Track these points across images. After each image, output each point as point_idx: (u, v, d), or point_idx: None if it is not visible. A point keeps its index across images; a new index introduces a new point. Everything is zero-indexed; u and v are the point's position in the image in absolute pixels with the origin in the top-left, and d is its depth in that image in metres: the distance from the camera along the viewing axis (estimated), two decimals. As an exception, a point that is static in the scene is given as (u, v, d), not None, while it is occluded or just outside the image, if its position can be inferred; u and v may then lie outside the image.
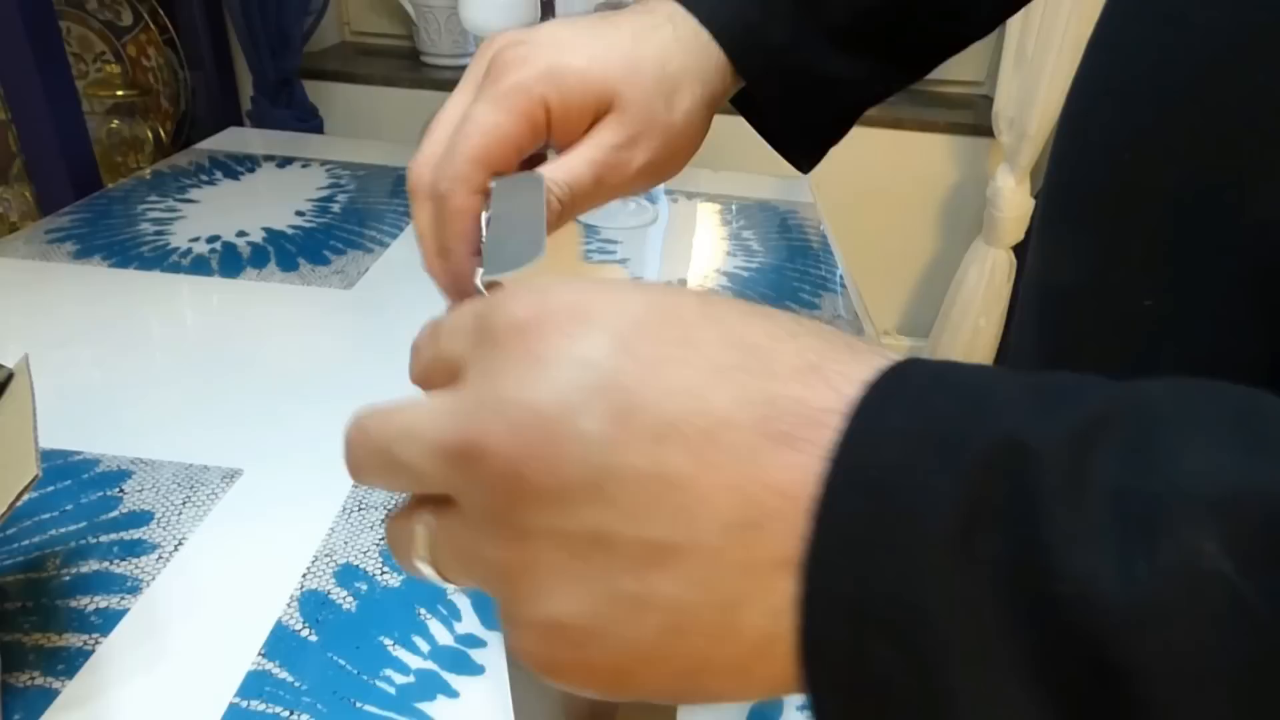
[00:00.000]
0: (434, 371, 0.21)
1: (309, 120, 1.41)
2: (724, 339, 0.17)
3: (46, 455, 0.51)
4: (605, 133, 0.32)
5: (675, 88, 0.33)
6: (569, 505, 0.17)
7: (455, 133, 0.30)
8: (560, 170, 0.32)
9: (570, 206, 0.32)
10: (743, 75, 0.36)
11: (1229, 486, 0.14)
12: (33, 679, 0.38)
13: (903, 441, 0.16)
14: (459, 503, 0.19)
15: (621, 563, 0.17)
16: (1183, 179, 0.27)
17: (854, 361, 0.17)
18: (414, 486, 0.21)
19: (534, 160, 0.33)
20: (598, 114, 0.32)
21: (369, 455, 0.21)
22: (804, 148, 0.41)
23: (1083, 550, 0.14)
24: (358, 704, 0.38)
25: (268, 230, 0.84)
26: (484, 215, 0.29)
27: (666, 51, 0.34)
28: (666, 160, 0.34)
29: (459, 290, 0.31)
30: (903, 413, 0.16)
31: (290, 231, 0.85)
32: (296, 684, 0.39)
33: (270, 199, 0.93)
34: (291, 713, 0.37)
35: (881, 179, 1.54)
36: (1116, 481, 0.14)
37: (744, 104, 0.39)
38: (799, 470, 0.16)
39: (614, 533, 0.17)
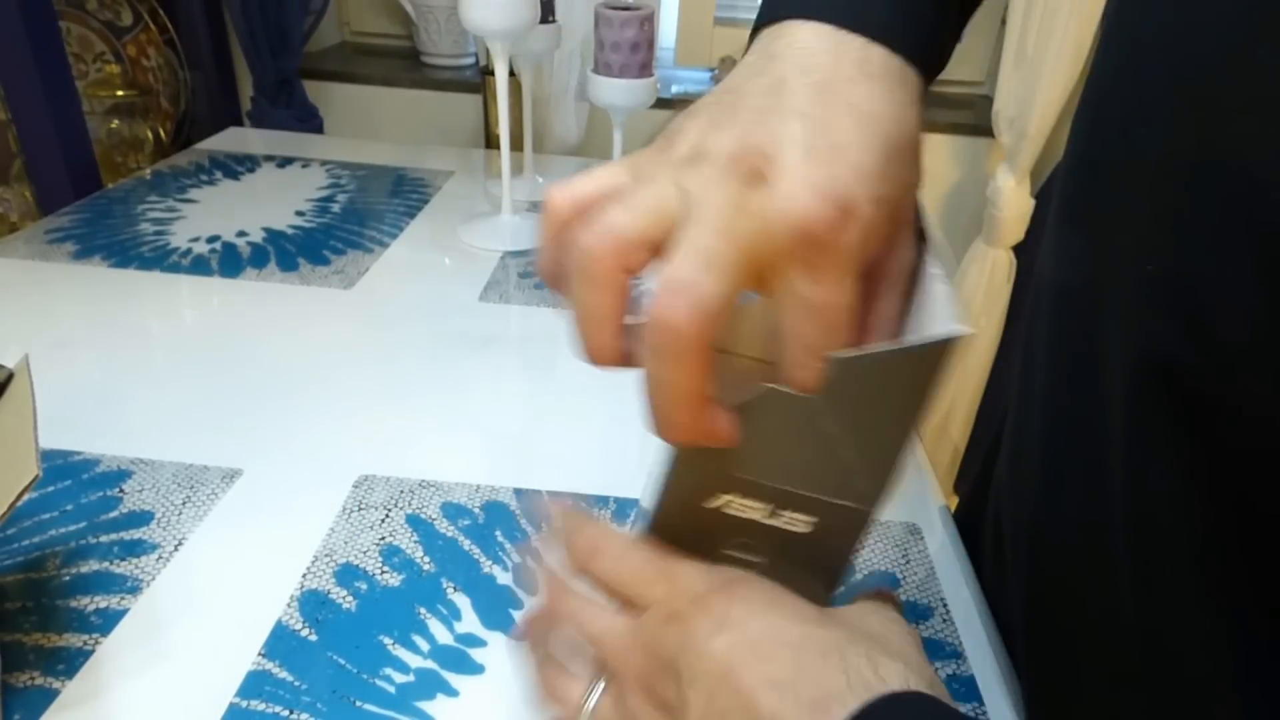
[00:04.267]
0: (619, 588, 0.29)
1: (309, 120, 1.41)
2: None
3: (46, 455, 0.51)
4: None
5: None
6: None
7: None
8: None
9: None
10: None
11: None
12: (33, 679, 0.38)
13: None
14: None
15: None
16: (1194, 163, 0.27)
17: None
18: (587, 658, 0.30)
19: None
20: None
21: (566, 623, 0.30)
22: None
23: None
24: (358, 703, 0.38)
25: (268, 230, 0.84)
26: None
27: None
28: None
29: None
30: None
31: (290, 231, 0.85)
32: (296, 684, 0.39)
33: (270, 199, 0.93)
34: (291, 712, 0.37)
35: (881, 179, 1.53)
36: None
37: None
38: None
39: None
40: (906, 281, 0.28)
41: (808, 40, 0.27)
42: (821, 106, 0.25)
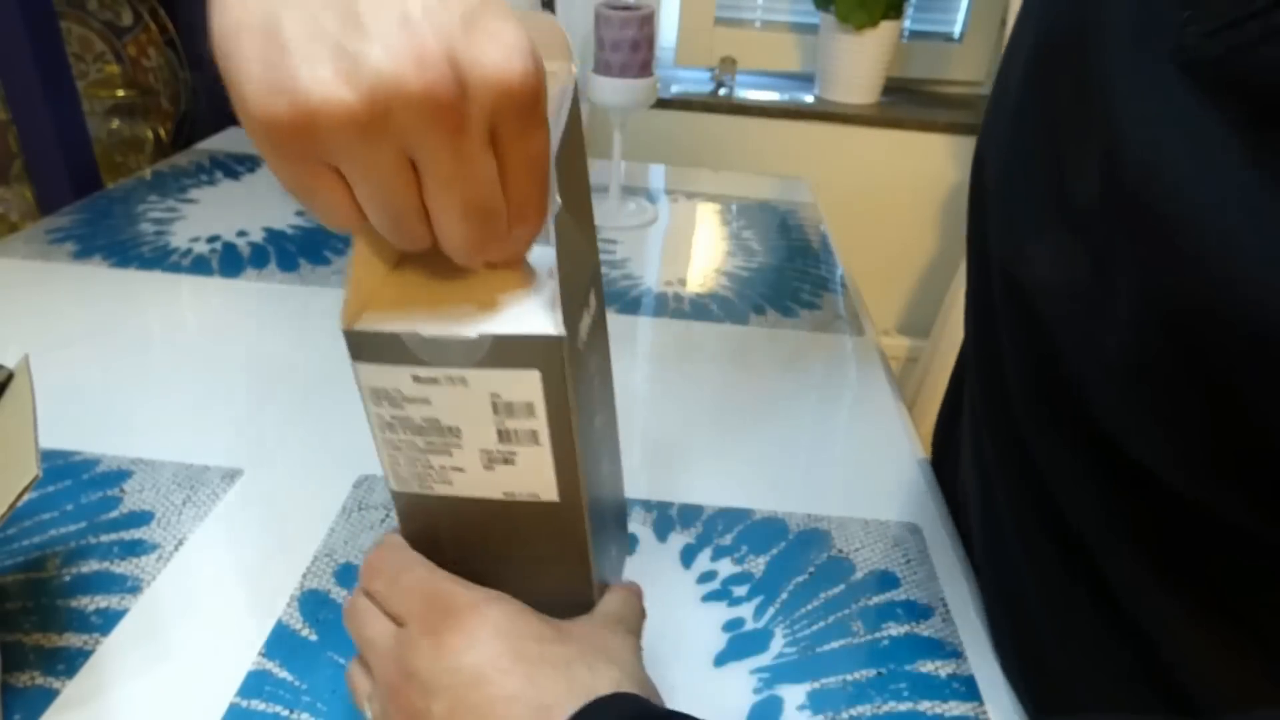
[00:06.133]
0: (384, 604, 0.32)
1: (309, 120, 1.41)
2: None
3: (46, 455, 0.51)
4: None
5: None
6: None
7: None
8: None
9: None
10: None
11: None
12: (33, 679, 0.38)
13: None
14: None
15: None
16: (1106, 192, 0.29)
17: None
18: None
19: None
20: None
21: (351, 627, 0.33)
22: None
23: None
24: (358, 704, 0.38)
25: (268, 230, 0.84)
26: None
27: None
28: None
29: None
30: None
31: (290, 231, 0.85)
32: (296, 684, 0.39)
33: (270, 199, 0.93)
34: (291, 712, 0.37)
35: (881, 179, 1.54)
36: None
37: None
38: None
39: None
40: None
41: None
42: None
